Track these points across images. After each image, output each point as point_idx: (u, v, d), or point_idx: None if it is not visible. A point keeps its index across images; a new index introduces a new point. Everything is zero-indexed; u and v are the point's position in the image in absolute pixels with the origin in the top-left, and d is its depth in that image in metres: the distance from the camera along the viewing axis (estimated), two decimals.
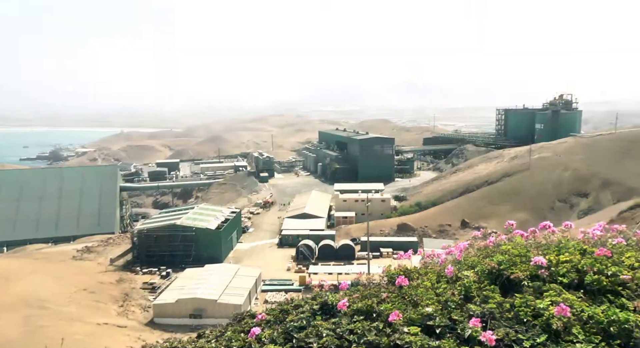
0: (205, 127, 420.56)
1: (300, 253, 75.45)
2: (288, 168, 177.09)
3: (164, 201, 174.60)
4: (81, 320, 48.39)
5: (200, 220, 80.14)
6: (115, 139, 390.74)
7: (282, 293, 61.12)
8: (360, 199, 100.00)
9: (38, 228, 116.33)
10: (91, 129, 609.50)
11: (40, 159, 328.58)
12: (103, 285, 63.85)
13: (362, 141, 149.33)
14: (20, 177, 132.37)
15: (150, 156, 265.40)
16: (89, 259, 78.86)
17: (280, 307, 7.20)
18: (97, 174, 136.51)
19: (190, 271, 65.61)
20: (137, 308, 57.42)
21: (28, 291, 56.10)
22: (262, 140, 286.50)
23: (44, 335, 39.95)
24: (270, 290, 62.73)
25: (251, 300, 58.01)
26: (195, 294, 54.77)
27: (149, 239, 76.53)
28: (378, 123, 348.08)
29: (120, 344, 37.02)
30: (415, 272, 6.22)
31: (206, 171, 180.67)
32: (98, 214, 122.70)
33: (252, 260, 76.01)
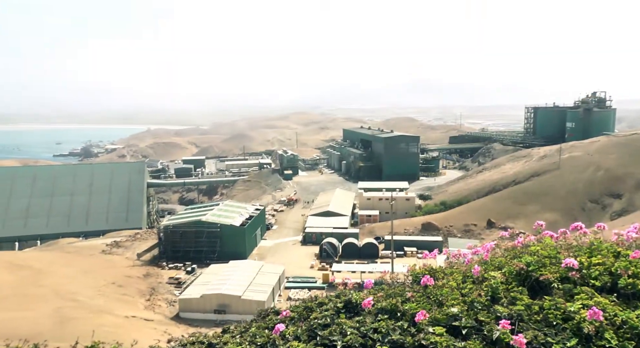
0: (231, 125, 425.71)
1: (323, 250, 75.55)
2: (312, 165, 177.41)
3: (190, 198, 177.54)
4: (110, 313, 49.66)
5: (225, 216, 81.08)
6: (142, 136, 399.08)
7: (305, 291, 61.35)
8: (384, 197, 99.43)
9: (70, 223, 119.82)
10: (120, 126, 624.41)
11: (72, 156, 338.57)
12: (131, 279, 65.32)
13: (387, 139, 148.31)
14: (54, 173, 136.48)
15: (176, 153, 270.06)
16: (118, 253, 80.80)
17: (305, 304, 7.22)
18: (125, 171, 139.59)
19: (214, 267, 66.48)
20: (163, 303, 58.54)
21: (60, 283, 57.88)
22: (286, 138, 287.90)
23: (74, 326, 41.17)
24: (293, 287, 63.04)
25: (274, 296, 58.42)
26: (219, 290, 55.48)
27: (175, 235, 77.86)
28: (403, 121, 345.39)
29: (147, 337, 37.79)
30: (440, 272, 6.14)
31: (231, 169, 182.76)
32: (126, 209, 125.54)
33: (275, 257, 76.53)
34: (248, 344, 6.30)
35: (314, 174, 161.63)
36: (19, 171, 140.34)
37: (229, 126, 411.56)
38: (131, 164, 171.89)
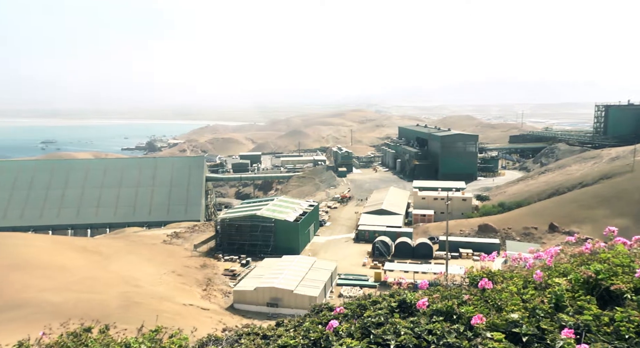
0: (287, 121, 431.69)
1: (376, 249, 75.08)
2: (366, 163, 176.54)
3: (246, 192, 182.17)
4: (170, 300, 52.04)
5: (280, 211, 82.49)
6: (202, 132, 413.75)
7: (356, 288, 61.30)
8: (439, 197, 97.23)
9: (135, 213, 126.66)
10: (182, 122, 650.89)
11: (138, 150, 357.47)
12: (189, 269, 68.07)
13: (444, 138, 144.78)
14: (122, 166, 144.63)
15: (234, 149, 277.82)
16: (177, 244, 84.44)
17: (358, 302, 7.23)
18: (185, 165, 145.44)
19: (268, 261, 67.86)
20: (218, 293, 60.54)
21: (125, 269, 61.37)
22: (341, 135, 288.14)
23: (137, 310, 43.53)
24: (345, 284, 63.15)
25: (326, 292, 58.79)
26: (272, 283, 56.57)
27: (231, 228, 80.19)
28: (461, 120, 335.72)
29: (204, 325, 39.26)
30: (499, 275, 5.94)
31: (286, 164, 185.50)
32: (186, 202, 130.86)
33: (328, 253, 76.95)
34: (301, 338, 6.40)
35: (368, 171, 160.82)
36: (92, 163, 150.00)
37: (285, 123, 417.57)
38: (191, 158, 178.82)
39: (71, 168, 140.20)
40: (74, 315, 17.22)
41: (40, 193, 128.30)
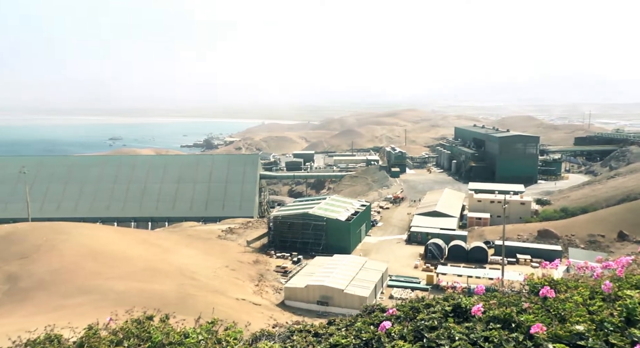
0: (341, 120, 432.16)
1: (429, 251, 73.65)
2: (420, 164, 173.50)
3: (299, 191, 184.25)
4: (223, 294, 53.65)
5: (331, 210, 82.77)
6: (257, 130, 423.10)
7: (408, 291, 60.43)
8: (496, 200, 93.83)
9: (192, 208, 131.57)
10: (237, 120, 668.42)
11: (196, 147, 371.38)
12: (242, 264, 69.83)
13: (502, 139, 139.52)
14: (180, 162, 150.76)
15: (287, 147, 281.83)
16: (231, 239, 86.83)
17: (411, 304, 7.14)
18: (240, 162, 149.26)
19: (319, 259, 68.31)
20: (270, 289, 61.67)
21: (182, 262, 63.92)
22: (395, 135, 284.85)
23: (193, 302, 45.26)
24: (396, 286, 62.43)
25: (376, 293, 58.39)
26: (323, 282, 56.89)
27: (284, 225, 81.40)
28: (521, 120, 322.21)
29: (256, 320, 40.15)
30: (563, 284, 5.66)
31: (339, 164, 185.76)
32: (240, 198, 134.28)
33: (379, 254, 76.37)
34: (353, 338, 6.40)
35: (422, 172, 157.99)
36: (153, 160, 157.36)
37: (339, 122, 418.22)
38: (246, 156, 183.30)
39: (135, 163, 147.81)
40: (136, 303, 18.17)
41: (108, 187, 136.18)
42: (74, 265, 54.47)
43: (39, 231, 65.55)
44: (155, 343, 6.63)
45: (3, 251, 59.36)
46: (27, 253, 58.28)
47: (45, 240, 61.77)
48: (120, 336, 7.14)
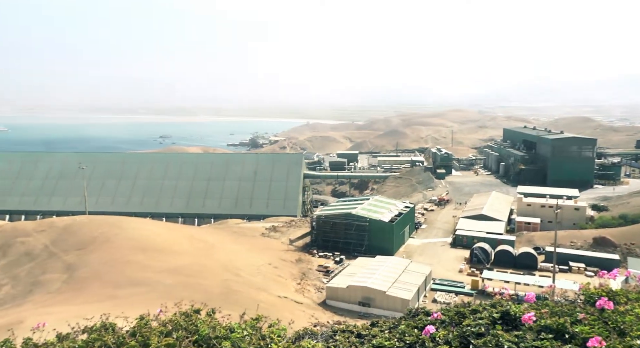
0: (385, 121, 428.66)
1: (474, 255, 71.73)
2: (467, 165, 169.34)
3: (342, 191, 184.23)
4: (266, 291, 54.48)
5: (375, 211, 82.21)
6: (302, 130, 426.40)
7: (451, 295, 59.12)
8: (548, 204, 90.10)
9: (237, 205, 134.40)
10: (283, 120, 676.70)
11: (241, 146, 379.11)
12: (285, 262, 70.62)
13: (555, 141, 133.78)
14: (226, 160, 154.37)
15: (331, 147, 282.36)
16: (275, 237, 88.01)
17: (457, 309, 6.99)
18: (285, 161, 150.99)
19: (361, 260, 68.02)
20: (312, 288, 62.02)
21: (227, 258, 65.42)
22: (441, 136, 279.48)
23: (236, 298, 46.24)
24: (439, 290, 61.22)
25: (419, 296, 57.49)
26: (365, 283, 56.61)
27: (326, 225, 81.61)
28: (576, 121, 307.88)
29: (297, 318, 40.51)
30: (622, 295, 5.36)
31: (383, 164, 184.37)
32: (284, 197, 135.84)
33: (422, 256, 75.16)
34: (397, 341, 6.34)
35: (468, 174, 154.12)
36: (200, 158, 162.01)
37: (384, 122, 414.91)
38: (290, 155, 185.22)
39: (183, 161, 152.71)
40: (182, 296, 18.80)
41: (157, 183, 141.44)
42: (125, 258, 56.95)
43: (95, 224, 69.00)
44: (202, 336, 6.83)
45: (63, 242, 62.94)
46: (84, 244, 61.49)
47: (100, 233, 64.94)
48: (169, 328, 7.41)
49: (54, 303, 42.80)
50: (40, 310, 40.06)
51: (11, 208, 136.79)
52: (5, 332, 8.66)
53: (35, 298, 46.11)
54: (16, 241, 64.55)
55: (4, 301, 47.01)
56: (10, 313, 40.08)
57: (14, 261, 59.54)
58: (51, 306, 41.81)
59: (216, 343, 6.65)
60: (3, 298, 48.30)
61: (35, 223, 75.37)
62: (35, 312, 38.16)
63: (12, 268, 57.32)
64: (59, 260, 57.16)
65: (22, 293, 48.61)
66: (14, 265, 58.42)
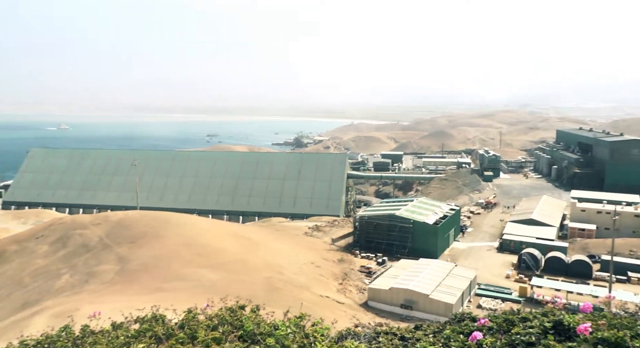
0: (431, 121, 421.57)
1: (522, 261, 69.19)
2: (516, 168, 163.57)
3: (385, 191, 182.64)
4: (308, 290, 54.85)
5: (419, 213, 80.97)
6: (346, 130, 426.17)
7: (498, 301, 57.30)
8: (604, 210, 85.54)
9: (280, 204, 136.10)
10: (327, 120, 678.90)
11: (286, 145, 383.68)
12: (327, 261, 70.81)
13: (614, 144, 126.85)
14: (271, 159, 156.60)
15: (376, 147, 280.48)
16: (317, 237, 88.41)
17: (505, 316, 6.78)
18: (328, 161, 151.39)
19: (404, 262, 67.18)
20: (353, 289, 61.85)
21: (270, 256, 66.38)
22: (489, 137, 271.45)
23: (279, 295, 46.83)
24: (485, 295, 59.48)
25: (463, 301, 56.10)
26: (408, 285, 55.86)
27: (369, 226, 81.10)
28: (637, 123, 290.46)
29: (339, 319, 40.53)
30: None
31: (428, 166, 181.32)
32: (327, 197, 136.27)
33: (467, 260, 73.32)
34: (442, 346, 6.23)
35: (517, 177, 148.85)
36: (246, 156, 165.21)
37: (429, 123, 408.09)
38: (334, 155, 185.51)
39: (229, 159, 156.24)
40: (226, 292, 19.27)
41: (204, 181, 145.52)
42: (173, 252, 58.95)
43: (146, 219, 71.84)
44: (247, 331, 6.97)
45: (116, 235, 65.96)
46: (135, 238, 64.18)
47: (150, 228, 67.55)
48: (216, 322, 7.61)
49: (107, 293, 44.93)
50: (95, 299, 42.17)
51: (71, 201, 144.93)
52: (65, 319, 9.20)
53: (91, 287, 48.59)
54: (75, 233, 68.27)
55: (63, 290, 49.84)
56: (69, 300, 42.44)
57: (73, 251, 63.00)
58: (105, 295, 43.92)
59: (260, 339, 6.77)
60: (63, 286, 51.21)
61: (92, 217, 79.45)
62: (90, 301, 40.22)
63: (71, 258, 60.67)
64: (112, 252, 59.94)
65: (79, 283, 51.33)
66: (73, 255, 61.81)
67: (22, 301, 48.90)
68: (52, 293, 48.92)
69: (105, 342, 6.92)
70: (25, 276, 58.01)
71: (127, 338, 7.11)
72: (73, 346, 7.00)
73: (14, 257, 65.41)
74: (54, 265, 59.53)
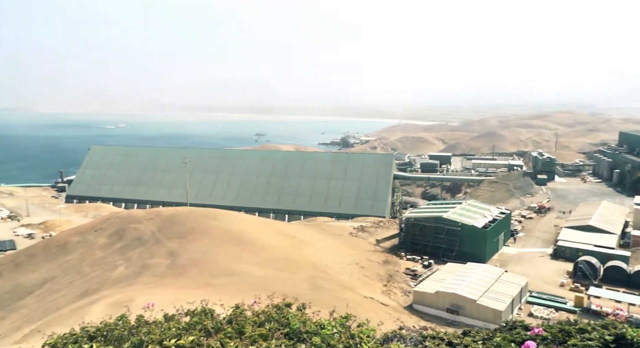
0: (481, 122, 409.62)
1: (579, 269, 65.82)
2: (573, 171, 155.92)
3: (432, 193, 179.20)
4: (352, 290, 54.74)
5: (467, 216, 78.88)
6: (393, 130, 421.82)
7: (551, 310, 54.85)
8: None
9: (326, 204, 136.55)
10: (374, 120, 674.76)
11: (332, 145, 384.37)
12: (371, 262, 70.36)
13: None
14: (317, 159, 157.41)
15: (423, 148, 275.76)
16: (362, 237, 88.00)
17: (560, 326, 6.48)
18: (375, 162, 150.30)
19: (451, 266, 65.66)
20: (398, 291, 61.11)
21: (315, 255, 66.77)
22: (543, 139, 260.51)
23: (323, 295, 47.01)
24: (537, 304, 57.08)
25: (513, 308, 54.12)
26: (454, 289, 54.57)
27: (415, 228, 79.85)
28: None
29: (383, 320, 40.17)
30: None
31: (477, 167, 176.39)
32: (372, 198, 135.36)
33: (518, 266, 70.65)
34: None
35: (574, 181, 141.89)
36: (293, 155, 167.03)
37: (480, 124, 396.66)
38: (381, 155, 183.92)
39: (276, 158, 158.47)
40: (272, 289, 19.58)
41: (251, 179, 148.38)
42: (220, 248, 60.50)
43: (195, 216, 74.16)
44: (294, 329, 7.04)
45: (167, 230, 68.52)
46: (185, 233, 66.40)
47: (199, 224, 69.66)
48: (262, 318, 7.74)
49: (159, 286, 46.75)
50: (148, 290, 43.99)
51: (126, 196, 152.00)
52: (120, 308, 9.66)
53: (144, 279, 50.71)
54: (130, 226, 71.53)
55: (118, 280, 52.33)
56: (124, 291, 44.52)
57: (128, 244, 66.03)
58: (157, 288, 45.72)
59: (307, 338, 6.81)
60: (118, 277, 53.78)
61: (145, 212, 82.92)
62: (144, 292, 42.01)
63: (126, 251, 63.62)
64: (163, 246, 62.30)
65: (133, 274, 53.72)
66: (128, 248, 64.78)
67: (82, 289, 51.80)
68: (109, 283, 51.49)
69: (158, 332, 7.20)
70: (85, 266, 61.40)
71: (178, 330, 7.37)
72: (129, 335, 7.34)
73: (76, 248, 69.40)
74: (111, 257, 62.64)
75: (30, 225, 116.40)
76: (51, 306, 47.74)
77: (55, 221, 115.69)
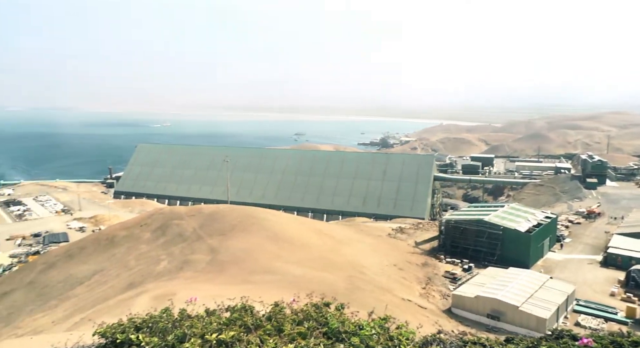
0: (526, 123, 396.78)
1: (632, 278, 62.55)
2: (626, 175, 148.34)
3: (474, 195, 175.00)
4: (390, 292, 54.19)
5: (510, 219, 76.55)
6: (434, 131, 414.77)
7: (600, 320, 52.39)
8: None
9: (364, 204, 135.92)
10: (415, 120, 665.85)
11: (372, 145, 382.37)
12: (410, 264, 69.44)
13: None
14: (356, 159, 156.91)
15: (465, 149, 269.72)
16: (401, 239, 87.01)
17: (612, 338, 6.20)
18: (415, 162, 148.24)
19: (492, 270, 63.91)
20: (437, 294, 60.02)
21: (353, 255, 66.56)
22: (593, 141, 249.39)
23: (361, 295, 46.83)
24: (585, 313, 54.67)
25: (558, 317, 52.05)
26: (495, 295, 53.05)
27: (456, 230, 78.21)
28: None
29: (421, 323, 39.57)
30: None
31: (521, 170, 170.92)
32: (412, 199, 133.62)
33: (564, 273, 67.88)
34: None
35: (627, 186, 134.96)
36: (332, 155, 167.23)
37: (524, 125, 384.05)
38: (421, 156, 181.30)
39: (316, 158, 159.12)
40: (310, 288, 19.70)
41: (290, 178, 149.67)
42: (259, 246, 61.35)
43: (235, 213, 75.54)
44: (332, 329, 7.05)
45: (208, 227, 70.15)
46: (225, 231, 67.75)
47: (239, 222, 70.90)
48: (301, 317, 7.80)
49: (200, 281, 47.95)
50: (190, 285, 45.20)
51: (170, 193, 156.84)
52: (164, 301, 9.99)
53: (185, 274, 52.15)
54: (172, 222, 73.72)
55: (161, 275, 54.06)
56: (167, 285, 45.96)
57: (170, 240, 68.09)
58: (198, 283, 46.92)
59: (345, 338, 6.81)
60: (161, 271, 55.56)
61: (187, 208, 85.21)
62: (185, 287, 43.19)
63: (169, 246, 65.62)
64: (204, 243, 63.82)
65: (175, 269, 55.34)
66: (171, 243, 66.80)
67: (127, 282, 53.85)
68: (152, 277, 53.26)
69: (200, 326, 7.40)
70: (131, 260, 63.78)
71: (219, 325, 7.54)
72: (172, 327, 7.58)
73: (122, 242, 72.21)
74: (155, 251, 64.77)
75: (82, 218, 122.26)
76: (100, 296, 49.90)
77: (104, 216, 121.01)
